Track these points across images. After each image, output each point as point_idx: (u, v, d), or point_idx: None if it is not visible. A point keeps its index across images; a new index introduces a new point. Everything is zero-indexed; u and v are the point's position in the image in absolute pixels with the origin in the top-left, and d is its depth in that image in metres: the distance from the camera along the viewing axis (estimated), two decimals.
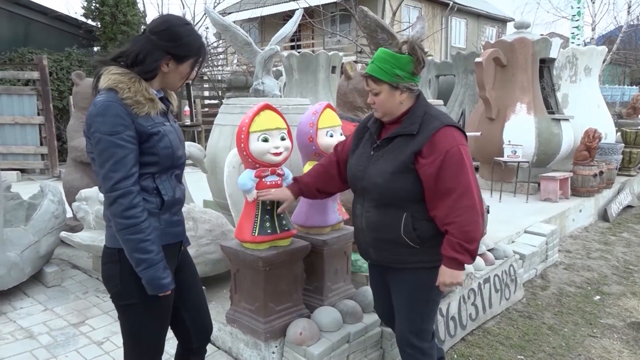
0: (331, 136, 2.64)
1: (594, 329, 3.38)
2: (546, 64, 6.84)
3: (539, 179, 6.30)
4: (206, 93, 14.64)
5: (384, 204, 1.97)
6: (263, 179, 2.36)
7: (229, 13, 17.98)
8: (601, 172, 6.47)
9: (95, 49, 11.46)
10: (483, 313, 3.37)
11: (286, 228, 2.46)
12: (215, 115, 4.54)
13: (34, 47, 9.92)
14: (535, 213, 5.42)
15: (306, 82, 8.16)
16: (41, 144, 8.32)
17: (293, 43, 20.26)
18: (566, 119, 6.72)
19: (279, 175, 2.41)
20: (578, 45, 10.68)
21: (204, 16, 13.90)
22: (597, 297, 3.93)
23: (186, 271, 1.92)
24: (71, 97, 6.53)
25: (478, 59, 6.31)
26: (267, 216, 2.41)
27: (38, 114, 8.22)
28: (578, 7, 11.20)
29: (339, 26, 19.17)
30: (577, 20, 11.15)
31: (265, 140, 2.31)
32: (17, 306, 3.34)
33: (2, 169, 5.18)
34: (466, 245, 1.85)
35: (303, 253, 2.60)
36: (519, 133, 6.31)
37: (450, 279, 1.91)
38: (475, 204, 1.85)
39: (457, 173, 1.84)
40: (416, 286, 2.03)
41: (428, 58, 9.61)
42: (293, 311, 2.60)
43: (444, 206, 1.86)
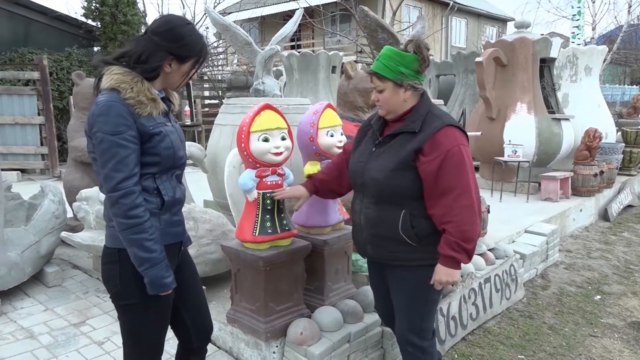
0: (332, 136, 2.64)
1: (595, 329, 3.38)
2: (546, 64, 6.83)
3: (540, 179, 6.30)
4: (206, 93, 14.62)
5: (383, 201, 1.98)
6: (264, 179, 2.36)
7: (229, 13, 17.99)
8: (602, 172, 6.47)
9: (95, 49, 11.45)
10: (484, 313, 3.37)
11: (287, 228, 2.46)
12: (215, 115, 4.54)
13: (34, 47, 9.92)
14: (535, 213, 5.41)
15: (306, 82, 8.15)
16: (41, 144, 8.33)
17: (293, 43, 20.27)
18: (567, 119, 6.71)
19: (280, 175, 2.41)
20: (578, 44, 10.68)
21: (204, 16, 13.90)
22: (598, 297, 3.93)
23: (186, 271, 1.92)
24: (71, 97, 6.56)
25: (478, 59, 6.30)
26: (268, 216, 2.41)
27: (38, 114, 8.23)
28: (578, 7, 11.21)
29: (339, 26, 19.17)
30: (578, 19, 11.16)
31: (265, 140, 2.32)
32: (18, 306, 3.35)
33: (3, 169, 5.18)
34: (463, 244, 1.85)
35: (304, 253, 2.60)
36: (520, 133, 6.31)
37: (446, 277, 1.91)
38: (473, 204, 1.86)
39: (457, 172, 1.85)
40: (415, 285, 2.03)
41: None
42: (294, 311, 2.60)
43: (443, 205, 1.87)
